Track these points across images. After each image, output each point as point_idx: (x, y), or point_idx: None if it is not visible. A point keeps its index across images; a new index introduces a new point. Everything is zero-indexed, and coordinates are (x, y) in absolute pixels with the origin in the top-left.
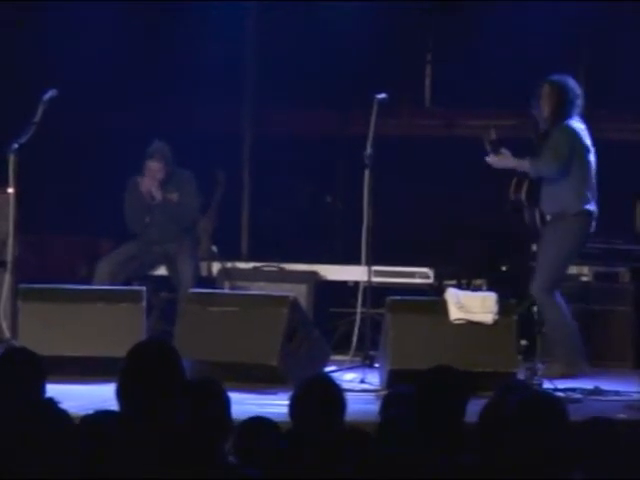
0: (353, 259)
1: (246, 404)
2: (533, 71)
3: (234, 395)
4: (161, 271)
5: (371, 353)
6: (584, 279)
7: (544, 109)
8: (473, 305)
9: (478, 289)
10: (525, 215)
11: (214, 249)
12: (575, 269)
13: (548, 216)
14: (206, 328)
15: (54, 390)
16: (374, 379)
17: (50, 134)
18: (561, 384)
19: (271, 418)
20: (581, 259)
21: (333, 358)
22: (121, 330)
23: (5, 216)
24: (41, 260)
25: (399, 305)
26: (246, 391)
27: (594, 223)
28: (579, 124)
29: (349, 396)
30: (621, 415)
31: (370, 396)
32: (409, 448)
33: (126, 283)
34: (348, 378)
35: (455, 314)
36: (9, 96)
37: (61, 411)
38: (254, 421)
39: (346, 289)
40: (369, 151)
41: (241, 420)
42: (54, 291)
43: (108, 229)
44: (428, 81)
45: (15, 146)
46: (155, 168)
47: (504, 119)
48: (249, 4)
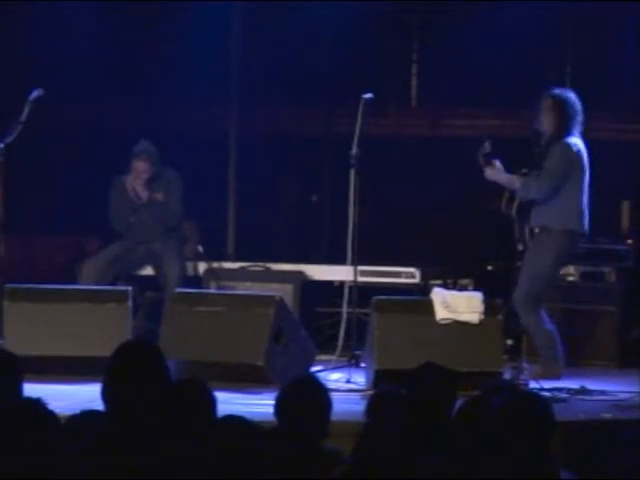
0: (339, 259)
1: (232, 404)
2: (518, 70)
3: (220, 395)
4: (147, 271)
5: (357, 353)
6: (570, 279)
7: (546, 122)
8: (459, 305)
9: (464, 289)
10: (515, 229)
11: (200, 249)
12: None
13: (536, 229)
14: (192, 328)
15: (40, 390)
16: (360, 379)
17: (36, 133)
18: (547, 384)
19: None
20: None
21: (319, 358)
22: (107, 330)
23: None
24: (27, 260)
25: (385, 305)
26: (232, 391)
27: (578, 242)
28: (579, 142)
29: (335, 396)
30: (607, 414)
31: (356, 396)
32: (395, 448)
33: (112, 283)
34: (334, 378)
35: (441, 314)
36: None
37: (48, 412)
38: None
39: (332, 289)
40: (355, 151)
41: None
42: (40, 291)
43: (94, 229)
44: (414, 81)
45: (1, 146)
46: (141, 168)
47: (489, 119)
48: (235, 4)
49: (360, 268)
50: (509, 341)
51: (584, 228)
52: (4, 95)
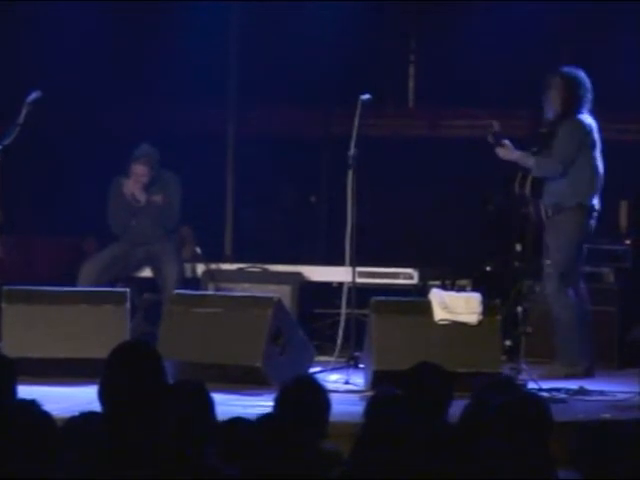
0: (337, 260)
1: (230, 405)
2: (516, 71)
3: (218, 396)
4: (145, 272)
5: (355, 354)
6: None
7: (554, 100)
8: (457, 305)
9: (462, 289)
10: (530, 210)
11: (198, 250)
12: None
13: (549, 210)
14: (190, 329)
15: (38, 392)
16: (359, 380)
17: (35, 135)
18: (547, 384)
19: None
20: None
21: (317, 359)
22: (105, 331)
23: None
24: (25, 261)
25: (383, 306)
26: (230, 392)
27: (594, 217)
28: (590, 119)
29: (333, 397)
30: (606, 415)
31: (354, 397)
32: (394, 449)
33: (110, 285)
34: (332, 379)
35: (439, 314)
36: None
37: (43, 413)
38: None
39: (330, 290)
40: (353, 151)
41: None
42: (38, 293)
43: (93, 230)
44: (412, 81)
45: None
46: (140, 172)
47: (488, 119)
48: (232, 4)
49: (358, 269)
50: (508, 342)
51: (593, 202)
52: (3, 96)
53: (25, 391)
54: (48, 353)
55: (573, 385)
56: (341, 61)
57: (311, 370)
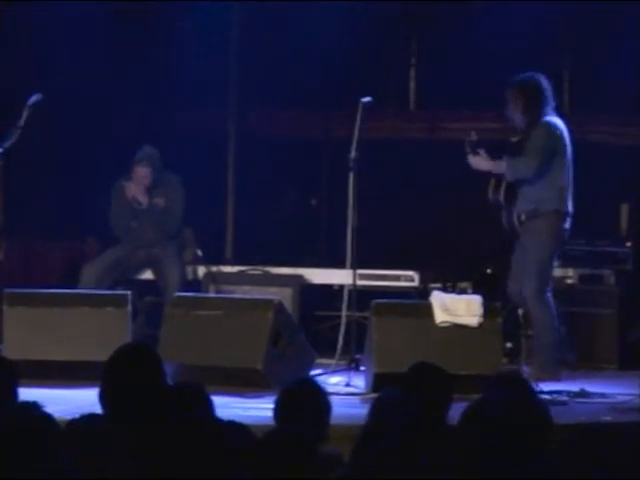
0: (338, 262)
1: (231, 408)
2: (518, 73)
3: (219, 399)
4: (147, 275)
5: (356, 356)
6: (569, 281)
7: (516, 112)
8: (458, 308)
9: (463, 292)
10: (503, 216)
11: (199, 253)
12: (560, 271)
13: (523, 215)
14: (191, 332)
15: (39, 394)
16: (359, 382)
17: (36, 137)
18: (546, 387)
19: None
20: (566, 261)
21: (318, 361)
22: (106, 334)
23: None
24: (26, 264)
25: (384, 308)
26: (231, 395)
27: (569, 222)
28: (558, 121)
29: (334, 399)
30: (607, 417)
31: (355, 399)
32: (394, 452)
33: (112, 287)
34: (333, 381)
35: (440, 317)
36: None
37: (45, 415)
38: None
39: (331, 292)
40: (354, 154)
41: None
42: (39, 295)
43: (94, 233)
44: (412, 84)
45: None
46: (142, 174)
47: (488, 122)
48: (233, 4)
49: (359, 271)
50: (508, 344)
51: (569, 208)
52: (5, 99)
53: (26, 393)
54: (49, 355)
55: (574, 387)
56: (342, 63)
57: (312, 372)
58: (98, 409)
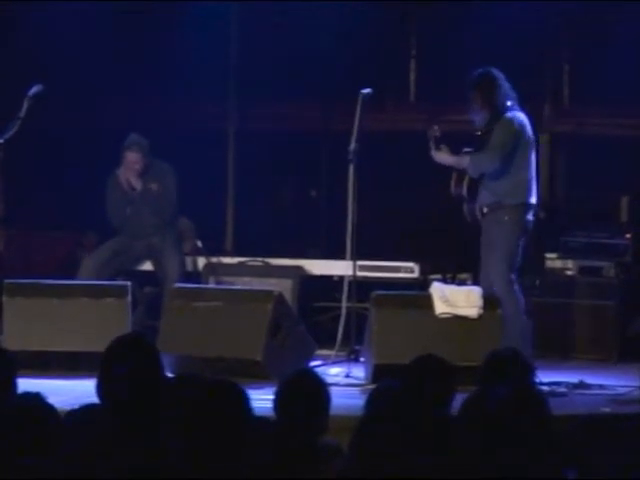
0: (338, 254)
1: None
2: (517, 66)
3: None
4: (146, 266)
5: (356, 348)
6: (569, 273)
7: (477, 109)
8: (458, 299)
9: (463, 283)
10: (465, 209)
11: (199, 244)
12: (560, 263)
13: (485, 208)
14: (191, 323)
15: (39, 385)
16: (359, 373)
17: (35, 130)
18: (546, 378)
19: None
20: (566, 253)
21: (318, 353)
22: (106, 325)
23: None
24: (26, 255)
25: (384, 300)
26: None
27: (532, 214)
28: (521, 115)
29: (334, 390)
30: (606, 409)
31: (355, 390)
32: (395, 445)
33: (111, 278)
34: (333, 372)
35: (440, 308)
36: None
37: (48, 405)
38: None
39: (331, 284)
40: (353, 146)
41: None
42: (39, 286)
43: (93, 224)
44: (412, 76)
45: (0, 142)
46: (132, 159)
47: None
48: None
49: (359, 263)
50: None
51: (533, 200)
52: (3, 92)
53: (26, 384)
54: (49, 346)
55: (573, 379)
56: (342, 55)
57: (311, 364)
58: (96, 400)
